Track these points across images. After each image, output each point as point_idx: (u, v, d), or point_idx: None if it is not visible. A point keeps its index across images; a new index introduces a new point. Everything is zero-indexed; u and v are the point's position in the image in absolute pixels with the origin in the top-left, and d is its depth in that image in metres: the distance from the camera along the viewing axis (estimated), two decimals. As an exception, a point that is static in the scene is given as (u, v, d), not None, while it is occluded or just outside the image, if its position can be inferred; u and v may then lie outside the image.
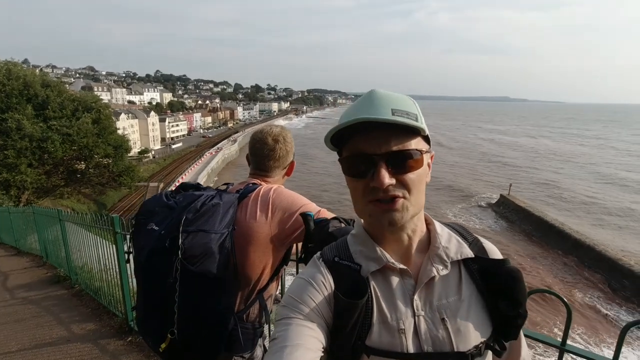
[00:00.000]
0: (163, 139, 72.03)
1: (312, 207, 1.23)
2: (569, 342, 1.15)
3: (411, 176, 0.63)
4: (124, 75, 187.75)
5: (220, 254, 1.10)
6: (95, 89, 73.30)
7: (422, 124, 0.63)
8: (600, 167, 47.48)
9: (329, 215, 1.19)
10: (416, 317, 0.66)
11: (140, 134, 63.81)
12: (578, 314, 15.43)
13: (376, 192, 0.62)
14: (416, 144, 0.64)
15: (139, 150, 53.44)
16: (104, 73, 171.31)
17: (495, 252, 0.77)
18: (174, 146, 67.26)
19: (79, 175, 20.20)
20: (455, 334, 0.66)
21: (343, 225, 1.05)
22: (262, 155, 1.34)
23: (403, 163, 0.63)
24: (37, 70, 28.54)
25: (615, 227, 25.90)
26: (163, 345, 1.10)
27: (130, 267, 3.08)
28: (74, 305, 4.15)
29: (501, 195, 30.52)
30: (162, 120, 72.84)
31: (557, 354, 1.17)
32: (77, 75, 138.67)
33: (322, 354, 0.64)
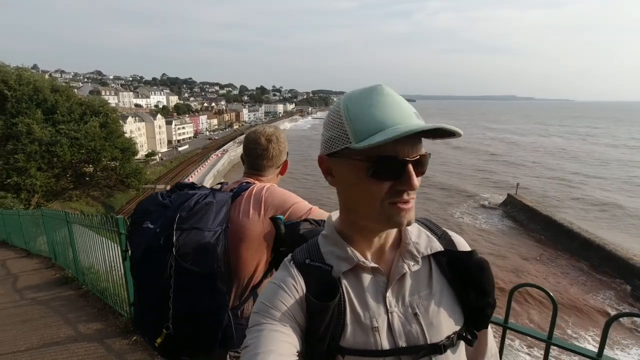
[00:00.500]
0: (169, 142, 72.64)
1: (304, 205, 1.26)
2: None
3: (420, 178, 0.65)
4: (130, 79, 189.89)
5: (214, 251, 1.12)
6: (103, 93, 74.32)
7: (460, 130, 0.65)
8: (610, 165, 46.82)
9: (321, 212, 1.21)
10: (389, 314, 0.67)
11: (147, 137, 64.45)
12: (587, 314, 15.24)
13: (400, 194, 0.63)
14: (424, 147, 0.66)
15: (146, 153, 53.97)
16: (111, 77, 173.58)
17: (463, 245, 0.78)
18: (180, 148, 67.80)
19: (87, 178, 20.48)
20: (428, 327, 0.67)
21: (314, 226, 1.07)
22: (256, 154, 1.37)
23: (423, 167, 0.65)
24: (47, 76, 29.00)
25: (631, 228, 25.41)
26: (158, 340, 1.13)
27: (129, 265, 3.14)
28: (81, 306, 4.23)
29: (508, 194, 30.23)
30: (168, 123, 73.48)
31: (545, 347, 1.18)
32: (85, 79, 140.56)
33: (297, 358, 0.63)
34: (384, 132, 0.60)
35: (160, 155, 59.13)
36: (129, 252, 1.24)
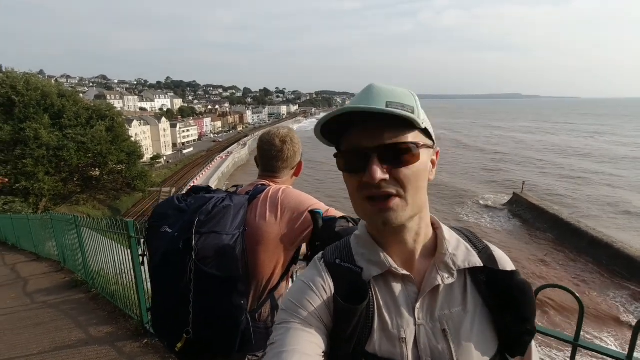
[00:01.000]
0: (174, 145, 73.11)
1: (321, 207, 1.26)
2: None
3: (406, 172, 0.60)
4: (135, 82, 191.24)
5: (233, 254, 1.13)
6: (108, 97, 75.04)
7: (417, 117, 0.59)
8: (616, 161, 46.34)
9: (337, 214, 1.20)
10: (417, 327, 0.64)
11: (152, 140, 64.90)
12: (599, 314, 15.06)
13: (369, 188, 0.60)
14: (413, 137, 0.61)
15: (151, 156, 54.34)
16: (116, 81, 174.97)
17: (505, 262, 0.72)
18: (185, 151, 68.21)
19: (94, 182, 20.68)
20: (456, 347, 0.62)
21: (351, 224, 1.06)
22: (270, 156, 1.37)
23: (397, 157, 0.60)
24: (53, 81, 29.32)
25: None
26: (179, 345, 1.13)
27: (145, 270, 3.16)
28: (92, 309, 4.26)
29: (514, 193, 30.01)
30: (173, 126, 73.99)
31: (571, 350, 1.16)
32: (91, 84, 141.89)
33: (322, 359, 0.61)
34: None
35: (165, 158, 59.48)
36: (146, 256, 1.24)
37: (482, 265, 0.68)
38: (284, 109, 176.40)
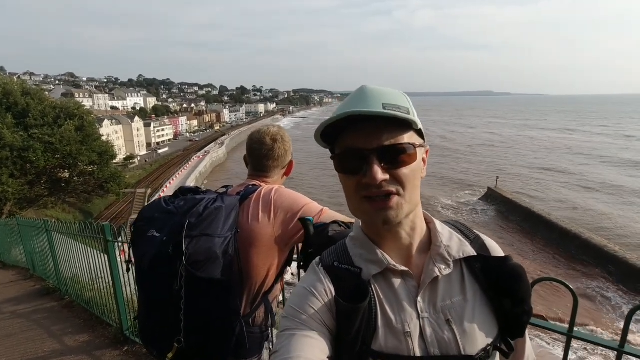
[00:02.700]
0: (149, 144, 70.99)
1: (315, 207, 1.23)
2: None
3: (405, 171, 0.62)
4: (105, 80, 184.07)
5: (225, 257, 1.08)
6: (77, 95, 71.75)
7: (414, 117, 0.62)
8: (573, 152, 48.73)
9: (332, 214, 1.18)
10: (421, 320, 0.65)
11: (124, 140, 62.76)
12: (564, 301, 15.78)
13: (369, 189, 0.61)
14: (409, 138, 0.63)
15: (124, 156, 52.53)
16: (84, 79, 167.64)
17: (497, 250, 0.76)
18: (160, 151, 66.35)
19: (63, 184, 19.71)
20: (461, 335, 0.64)
21: (343, 228, 1.03)
22: (261, 155, 1.33)
23: (396, 158, 0.61)
24: (15, 78, 27.77)
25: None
26: (170, 355, 1.07)
27: (133, 276, 3.05)
28: (66, 317, 4.05)
29: (489, 187, 31.01)
30: (147, 125, 71.82)
31: (565, 341, 1.18)
32: (57, 82, 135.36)
33: None
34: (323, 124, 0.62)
35: (139, 158, 57.65)
36: (132, 262, 1.17)
37: (475, 253, 0.71)
38: (261, 108, 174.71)
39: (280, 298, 1.49)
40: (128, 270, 1.16)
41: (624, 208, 27.65)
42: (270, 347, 1.37)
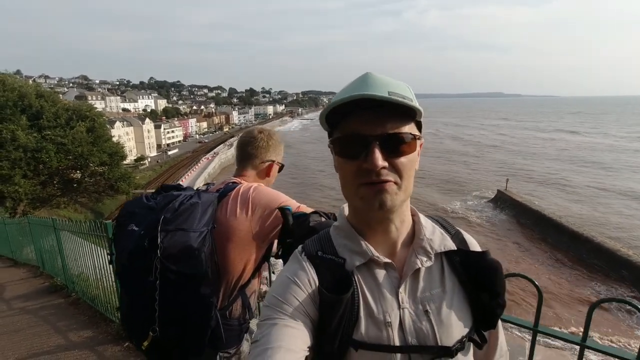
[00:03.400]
0: (159, 146, 71.89)
1: (292, 204, 1.26)
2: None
3: (403, 160, 0.63)
4: (117, 83, 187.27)
5: (201, 252, 1.11)
6: (89, 97, 73.26)
7: (419, 106, 0.62)
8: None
9: (308, 210, 1.20)
10: (401, 310, 0.66)
11: (135, 141, 63.68)
12: (579, 307, 15.49)
13: (369, 175, 0.61)
14: (410, 128, 0.64)
15: (135, 157, 53.28)
16: (97, 82, 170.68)
17: (475, 245, 0.78)
18: (170, 152, 67.13)
19: (75, 185, 20.11)
20: (438, 326, 0.66)
21: (324, 219, 1.05)
22: (245, 142, 1.43)
23: (397, 147, 0.62)
24: (31, 81, 28.44)
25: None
26: (145, 343, 1.11)
27: (114, 269, 3.13)
28: (71, 314, 4.15)
29: (498, 190, 30.60)
30: (157, 127, 72.74)
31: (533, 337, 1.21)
32: (71, 84, 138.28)
33: (307, 353, 0.63)
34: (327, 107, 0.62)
35: (149, 159, 58.42)
36: (114, 255, 1.22)
37: (455, 247, 0.73)
38: (270, 109, 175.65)
39: (263, 290, 1.53)
40: (110, 262, 1.21)
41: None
42: (249, 339, 1.40)
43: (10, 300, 5.06)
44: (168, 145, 74.86)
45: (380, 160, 0.60)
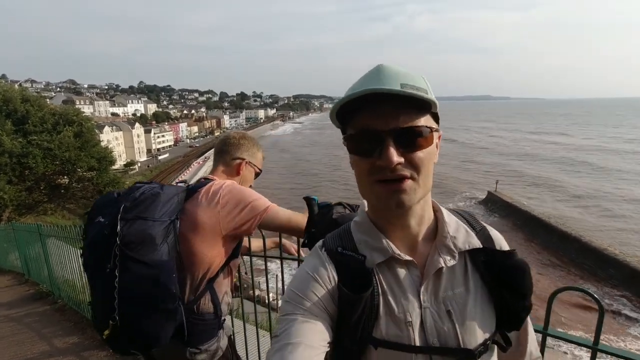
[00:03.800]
0: (149, 151, 71.20)
1: (263, 202, 1.29)
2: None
3: (420, 155, 0.60)
4: (106, 87, 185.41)
5: (162, 241, 1.12)
6: (77, 102, 72.21)
7: (433, 98, 0.59)
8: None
9: (277, 211, 1.27)
10: (422, 310, 0.64)
11: (125, 146, 63.04)
12: (559, 306, 15.69)
13: (383, 172, 0.59)
14: (426, 121, 0.61)
15: (125, 162, 52.65)
16: (85, 86, 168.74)
17: (502, 242, 0.75)
18: (160, 157, 66.54)
19: (62, 191, 19.77)
20: (460, 327, 0.64)
21: (348, 211, 1.06)
22: (220, 142, 1.51)
23: (413, 141, 0.59)
24: (16, 85, 27.98)
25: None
26: (106, 332, 1.09)
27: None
28: (57, 320, 4.07)
29: (488, 192, 30.99)
30: (147, 132, 72.11)
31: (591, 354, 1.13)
32: (58, 89, 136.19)
33: (328, 349, 0.62)
34: (338, 102, 0.60)
35: (139, 164, 57.79)
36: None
37: (481, 246, 0.70)
38: (261, 113, 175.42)
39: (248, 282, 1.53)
40: (82, 256, 1.20)
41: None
42: (224, 336, 1.38)
43: (-7, 308, 4.94)
44: (158, 149, 74.18)
45: (395, 156, 0.57)
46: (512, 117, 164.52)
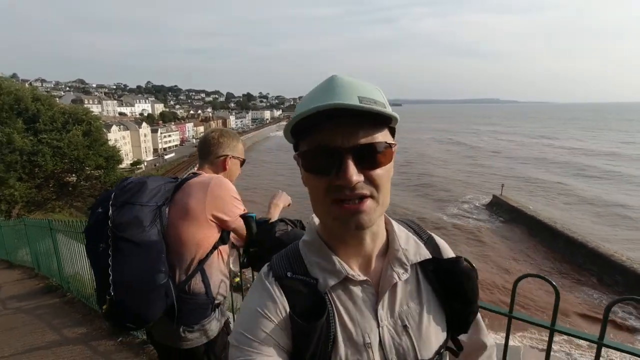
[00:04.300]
0: (155, 150, 71.81)
1: (239, 207, 1.41)
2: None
3: (380, 172, 0.57)
4: (114, 87, 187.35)
5: (150, 224, 1.25)
6: (86, 101, 73.16)
7: (392, 112, 0.57)
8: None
9: (240, 224, 1.36)
10: (380, 328, 0.63)
11: (132, 145, 63.62)
12: (570, 314, 15.57)
13: (341, 191, 0.55)
14: (384, 136, 0.58)
15: (132, 161, 53.16)
16: (94, 85, 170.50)
17: (448, 250, 0.76)
18: (166, 157, 67.01)
19: (70, 188, 20.08)
20: (417, 340, 0.64)
21: (290, 227, 1.09)
22: (200, 143, 1.62)
23: (372, 158, 0.56)
24: (27, 84, 28.45)
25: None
26: (105, 307, 1.22)
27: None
28: (66, 312, 4.20)
29: (494, 195, 30.79)
30: (154, 131, 72.71)
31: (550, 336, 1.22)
32: (67, 88, 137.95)
33: None
34: (295, 117, 0.55)
35: (146, 163, 58.30)
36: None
37: (430, 256, 0.70)
38: (267, 114, 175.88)
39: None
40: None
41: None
42: (220, 319, 1.48)
43: (5, 300, 5.09)
44: (165, 149, 74.78)
45: (355, 174, 0.54)
46: (520, 120, 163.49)
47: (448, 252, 0.75)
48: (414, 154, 55.70)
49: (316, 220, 0.69)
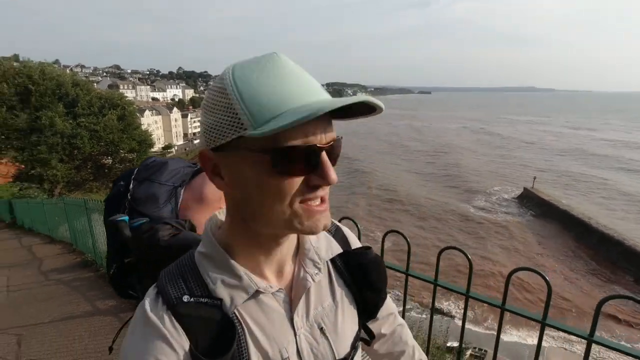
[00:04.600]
0: (185, 135, 73.99)
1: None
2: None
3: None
4: (147, 72, 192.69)
5: (165, 202, 1.31)
6: (121, 86, 76.09)
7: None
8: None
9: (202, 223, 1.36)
10: (297, 337, 0.58)
11: (163, 130, 65.87)
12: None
13: (315, 191, 0.50)
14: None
15: (163, 145, 55.12)
16: (129, 71, 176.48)
17: (355, 240, 0.73)
18: (196, 141, 68.96)
19: (106, 170, 21.19)
20: (334, 340, 0.61)
21: (173, 230, 1.00)
22: None
23: (336, 155, 0.52)
24: (68, 70, 29.90)
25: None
26: (111, 272, 1.30)
27: None
28: (99, 286, 4.54)
29: (525, 188, 29.68)
30: (184, 116, 74.81)
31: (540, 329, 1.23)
32: (104, 74, 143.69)
33: None
34: (291, 113, 0.45)
35: (176, 147, 60.25)
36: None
37: (342, 250, 0.67)
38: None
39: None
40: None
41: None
42: None
43: (47, 272, 5.57)
44: (194, 134, 76.87)
45: (334, 173, 0.50)
46: (557, 110, 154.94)
47: (355, 242, 0.72)
48: (441, 143, 54.38)
49: (213, 226, 0.60)
